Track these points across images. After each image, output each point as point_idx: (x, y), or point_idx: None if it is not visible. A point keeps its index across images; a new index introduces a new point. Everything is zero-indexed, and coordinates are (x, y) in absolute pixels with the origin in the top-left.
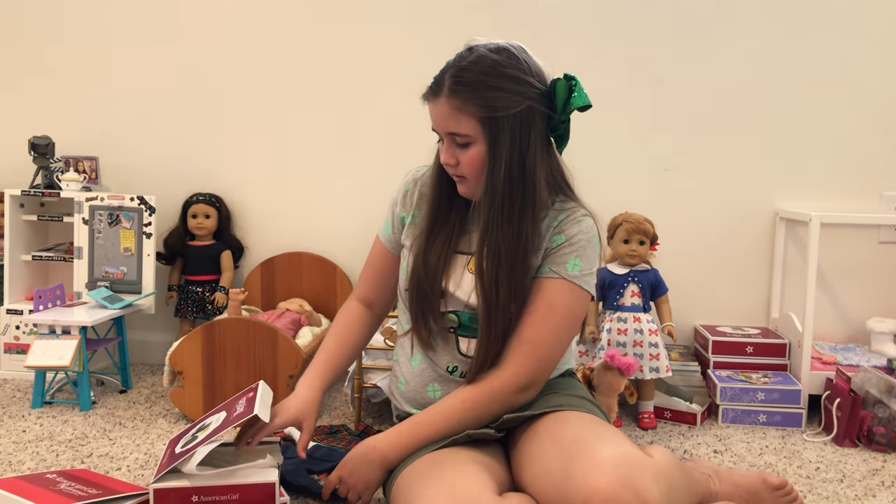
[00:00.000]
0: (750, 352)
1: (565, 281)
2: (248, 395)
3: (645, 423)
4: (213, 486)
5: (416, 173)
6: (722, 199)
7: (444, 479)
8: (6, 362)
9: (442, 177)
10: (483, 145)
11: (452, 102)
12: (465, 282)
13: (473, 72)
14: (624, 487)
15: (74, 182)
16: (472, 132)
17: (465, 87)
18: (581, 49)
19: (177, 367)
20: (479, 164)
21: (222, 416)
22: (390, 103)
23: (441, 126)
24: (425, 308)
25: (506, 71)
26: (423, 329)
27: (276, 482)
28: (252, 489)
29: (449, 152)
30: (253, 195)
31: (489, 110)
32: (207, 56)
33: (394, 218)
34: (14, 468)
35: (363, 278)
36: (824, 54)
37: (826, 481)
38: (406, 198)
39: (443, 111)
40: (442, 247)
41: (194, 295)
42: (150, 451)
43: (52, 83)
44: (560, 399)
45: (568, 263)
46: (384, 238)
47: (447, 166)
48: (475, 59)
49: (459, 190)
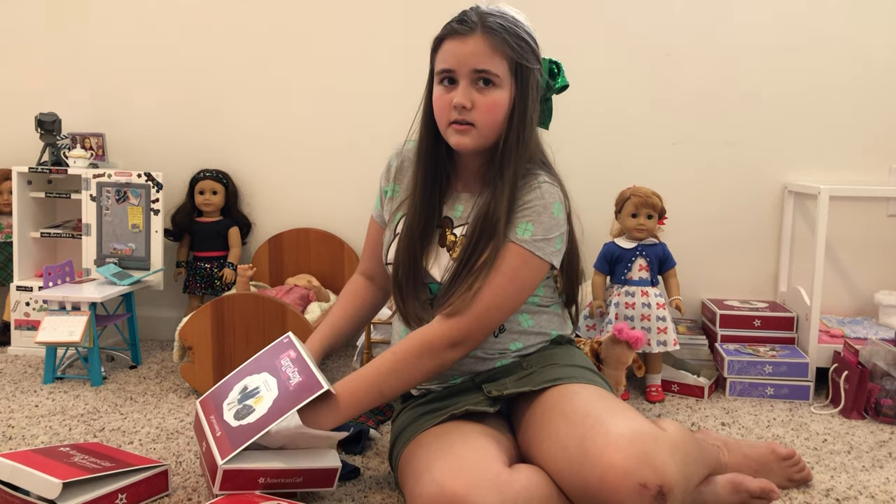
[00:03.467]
0: (757, 325)
1: (512, 244)
2: (289, 355)
3: (652, 397)
4: (280, 468)
5: (400, 147)
6: (730, 173)
7: (453, 450)
8: (17, 338)
9: (431, 143)
10: (507, 91)
11: (489, 40)
12: (441, 257)
13: (504, 18)
14: (641, 463)
15: (82, 159)
16: (503, 74)
17: (501, 28)
18: (588, 22)
19: (186, 342)
20: (498, 111)
21: (273, 382)
22: (398, 79)
23: (471, 62)
24: (408, 283)
25: (527, 30)
26: (405, 303)
27: (339, 467)
28: (316, 473)
29: (466, 94)
30: (260, 171)
31: (521, 57)
32: (214, 33)
33: (381, 193)
34: (28, 442)
35: (363, 254)
36: (834, 26)
37: (833, 453)
38: (388, 171)
39: (477, 47)
40: (420, 222)
41: (202, 271)
42: (161, 426)
43: (59, 60)
44: (561, 371)
45: (518, 227)
46: (375, 214)
47: (458, 110)
48: (499, 10)
49: (456, 141)
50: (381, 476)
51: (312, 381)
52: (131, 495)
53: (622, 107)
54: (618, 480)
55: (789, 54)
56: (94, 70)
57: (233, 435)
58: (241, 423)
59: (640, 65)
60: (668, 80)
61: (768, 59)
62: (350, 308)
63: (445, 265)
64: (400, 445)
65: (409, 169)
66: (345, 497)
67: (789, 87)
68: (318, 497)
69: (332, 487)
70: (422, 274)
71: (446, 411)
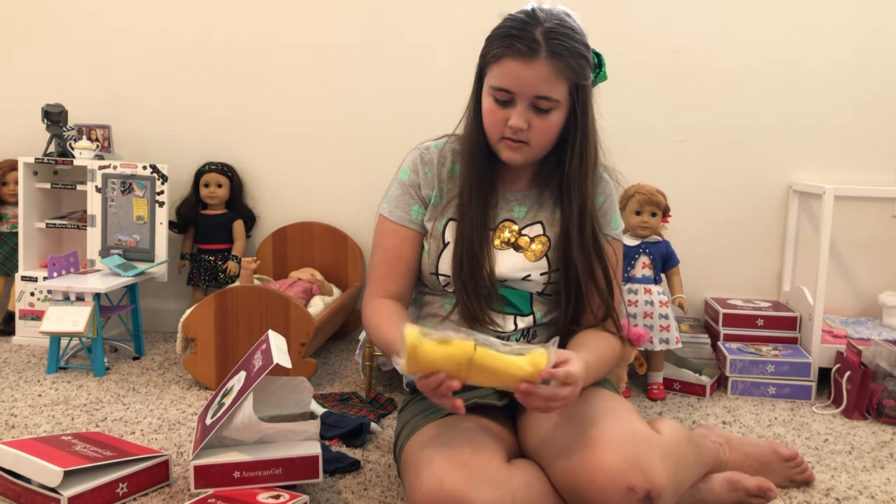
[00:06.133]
0: (760, 325)
1: (614, 240)
2: (261, 348)
3: (654, 394)
4: (255, 460)
5: (426, 152)
6: (735, 172)
7: (454, 445)
8: (21, 328)
9: (482, 148)
10: (563, 112)
11: (554, 66)
12: (508, 258)
13: (565, 35)
14: (630, 466)
15: (87, 150)
16: (562, 98)
17: (566, 50)
18: (595, 19)
19: (189, 333)
20: (553, 131)
21: (243, 376)
22: (404, 73)
23: (533, 89)
24: (476, 289)
25: (583, 39)
26: (473, 309)
27: (320, 455)
28: (295, 463)
29: (524, 116)
30: (265, 164)
31: (579, 77)
32: (220, 25)
33: (421, 200)
34: (31, 430)
35: (388, 274)
36: (840, 26)
37: (834, 453)
38: (427, 177)
39: (541, 73)
40: (480, 225)
41: (206, 263)
42: (163, 416)
43: (65, 51)
44: None
45: (613, 222)
46: (414, 224)
47: (514, 130)
48: (559, 20)
49: (508, 156)
50: (381, 469)
51: (268, 361)
52: (132, 484)
53: (628, 103)
54: (606, 483)
55: (795, 53)
56: (101, 62)
57: (204, 432)
58: (212, 420)
59: (646, 62)
60: (673, 78)
61: (774, 57)
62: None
63: (521, 266)
64: (404, 437)
65: (448, 172)
66: (345, 489)
67: (795, 86)
68: (319, 489)
69: (318, 478)
70: (487, 277)
71: None
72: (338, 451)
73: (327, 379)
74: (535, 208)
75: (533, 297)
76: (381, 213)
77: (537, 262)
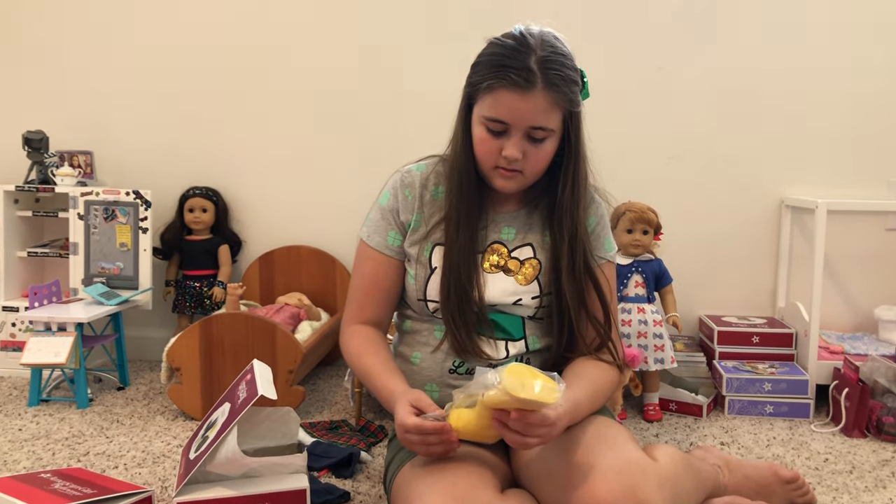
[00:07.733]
0: (756, 342)
1: (607, 263)
2: (245, 379)
3: (650, 416)
4: (240, 496)
5: (407, 175)
6: (727, 188)
7: (445, 476)
8: (2, 360)
9: (471, 174)
10: (557, 139)
11: (550, 96)
12: (498, 282)
13: (559, 63)
14: (626, 497)
15: (69, 177)
16: (556, 127)
17: (561, 80)
18: (580, 37)
19: (174, 363)
20: (546, 159)
21: (227, 408)
22: (389, 97)
23: (529, 119)
24: (464, 315)
25: (574, 63)
26: (460, 336)
27: (307, 488)
28: (283, 497)
29: (519, 146)
30: (250, 188)
31: (573, 105)
32: (203, 50)
33: (398, 226)
34: (9, 468)
35: (364, 300)
36: (830, 40)
37: (835, 472)
38: (407, 201)
39: (538, 105)
40: (469, 252)
41: (192, 290)
42: (147, 449)
43: (46, 77)
44: None
45: (606, 244)
46: (390, 251)
47: (509, 161)
48: (552, 48)
49: (501, 185)
50: (371, 501)
51: (253, 392)
52: None
53: (616, 122)
54: None
55: (785, 68)
56: (82, 87)
57: (188, 467)
58: (196, 454)
59: (633, 80)
60: (661, 95)
61: (764, 72)
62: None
63: (511, 289)
64: (395, 467)
65: (432, 196)
66: None
67: (786, 101)
68: None
69: None
70: (476, 303)
71: None
72: (327, 482)
73: (316, 406)
74: (524, 230)
75: (525, 322)
76: (361, 237)
77: (528, 286)
